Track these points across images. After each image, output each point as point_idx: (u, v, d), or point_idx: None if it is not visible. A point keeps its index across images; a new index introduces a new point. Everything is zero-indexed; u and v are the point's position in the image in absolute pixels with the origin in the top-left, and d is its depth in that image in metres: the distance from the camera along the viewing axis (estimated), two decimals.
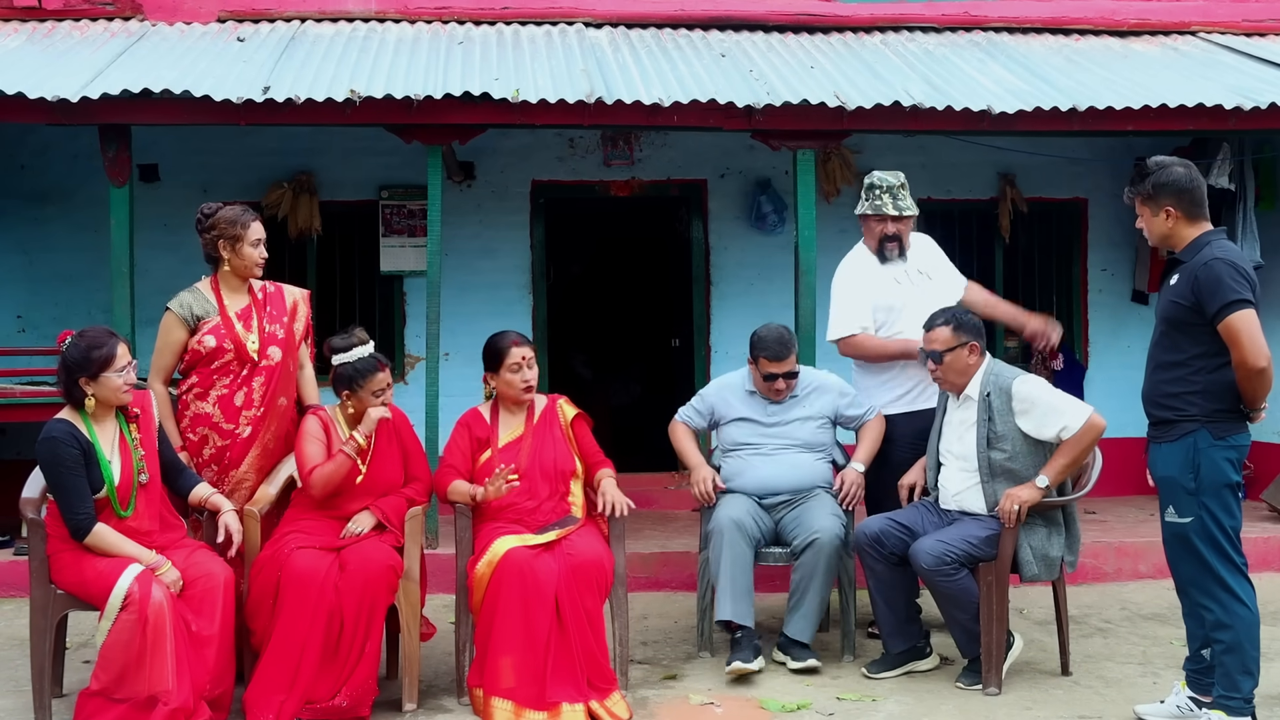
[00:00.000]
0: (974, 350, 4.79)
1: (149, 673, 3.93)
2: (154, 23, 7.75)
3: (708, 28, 8.12)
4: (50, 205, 8.04)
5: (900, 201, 5.39)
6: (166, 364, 4.70)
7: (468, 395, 5.32)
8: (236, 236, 4.69)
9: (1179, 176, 4.11)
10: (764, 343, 5.21)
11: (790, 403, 5.30)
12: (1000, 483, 4.70)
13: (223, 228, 4.70)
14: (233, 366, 4.67)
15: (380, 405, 4.56)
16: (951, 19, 8.32)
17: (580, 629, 4.32)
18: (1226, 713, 4.03)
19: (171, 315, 4.70)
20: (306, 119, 6.38)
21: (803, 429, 5.25)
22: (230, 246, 4.70)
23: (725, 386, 5.46)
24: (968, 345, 4.78)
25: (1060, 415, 4.64)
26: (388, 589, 4.36)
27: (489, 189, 8.36)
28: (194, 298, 4.74)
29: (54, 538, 4.18)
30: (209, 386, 4.67)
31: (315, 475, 4.44)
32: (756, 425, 5.27)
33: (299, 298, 4.95)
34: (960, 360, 4.80)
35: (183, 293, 4.78)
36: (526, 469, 4.67)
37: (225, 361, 4.66)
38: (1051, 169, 8.48)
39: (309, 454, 4.49)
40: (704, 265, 8.51)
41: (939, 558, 4.61)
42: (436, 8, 8.05)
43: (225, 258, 4.72)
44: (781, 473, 5.18)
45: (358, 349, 4.56)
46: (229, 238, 4.69)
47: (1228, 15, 8.46)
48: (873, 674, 4.85)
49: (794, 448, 5.22)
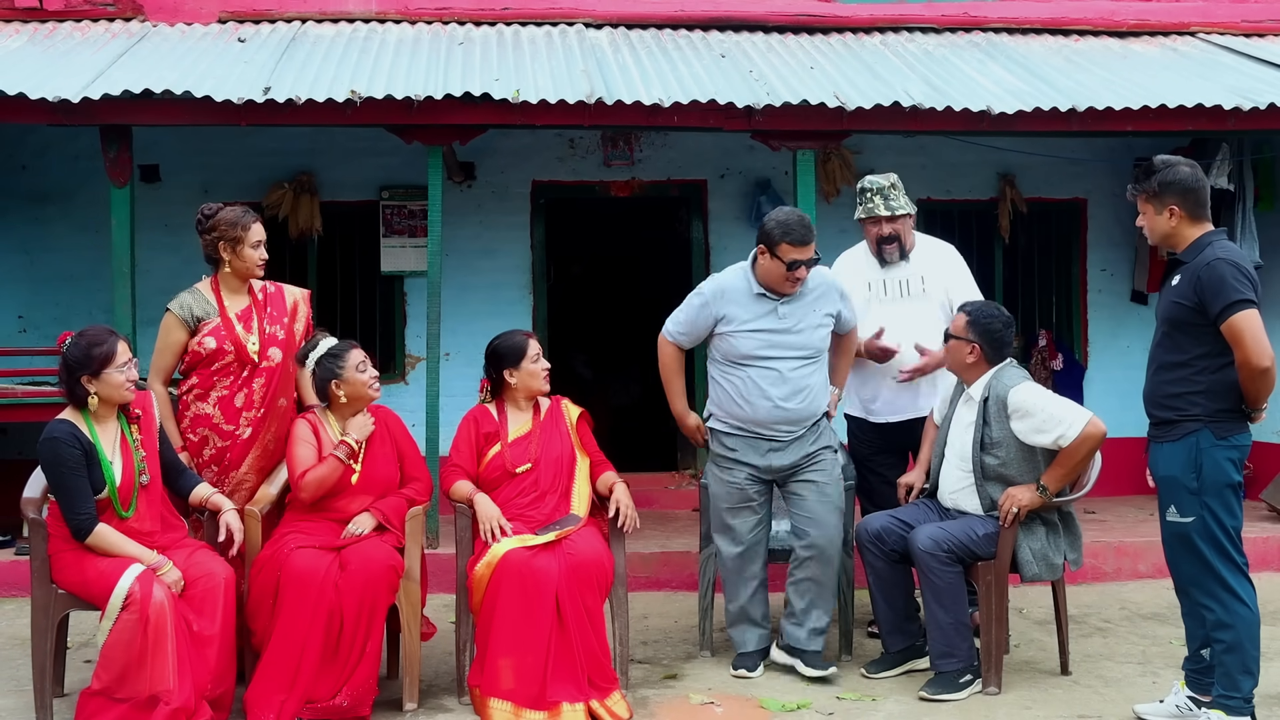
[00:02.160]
0: (974, 352, 4.79)
1: (150, 672, 3.93)
2: (155, 23, 7.76)
3: (708, 28, 8.13)
4: (51, 205, 8.05)
5: (892, 201, 5.29)
6: (166, 365, 4.70)
7: (468, 395, 5.33)
8: (237, 238, 4.68)
9: (1185, 176, 4.12)
10: (784, 226, 4.72)
11: (802, 303, 4.86)
12: (994, 486, 4.69)
13: (223, 229, 4.69)
14: (233, 368, 4.67)
15: (369, 385, 4.56)
16: (951, 20, 8.33)
17: (581, 628, 4.33)
18: (1226, 712, 4.03)
19: (171, 316, 4.70)
20: (307, 119, 6.38)
21: (815, 335, 4.88)
22: (231, 248, 4.69)
23: (726, 290, 4.91)
24: (971, 345, 4.79)
25: (1058, 423, 4.59)
26: (388, 589, 4.37)
27: (489, 189, 8.37)
28: (194, 299, 4.74)
29: (55, 537, 4.18)
30: (209, 388, 4.67)
31: (307, 479, 4.44)
32: (769, 335, 4.82)
33: (299, 298, 4.96)
34: (959, 353, 4.80)
35: (183, 294, 4.77)
36: (536, 461, 4.69)
37: (226, 363, 4.66)
38: (1051, 169, 8.48)
39: (300, 457, 4.50)
40: (704, 265, 8.51)
41: (936, 543, 4.61)
42: (437, 8, 8.06)
43: (226, 259, 4.72)
44: (792, 405, 4.81)
45: (320, 343, 4.61)
46: (229, 239, 4.68)
47: (1227, 16, 8.47)
48: (872, 674, 4.86)
49: (804, 361, 4.85)
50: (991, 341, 4.76)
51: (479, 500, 4.62)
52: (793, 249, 4.72)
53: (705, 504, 5.17)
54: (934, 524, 4.73)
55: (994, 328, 4.76)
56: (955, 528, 4.68)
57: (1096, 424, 4.60)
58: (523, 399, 4.83)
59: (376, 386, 4.62)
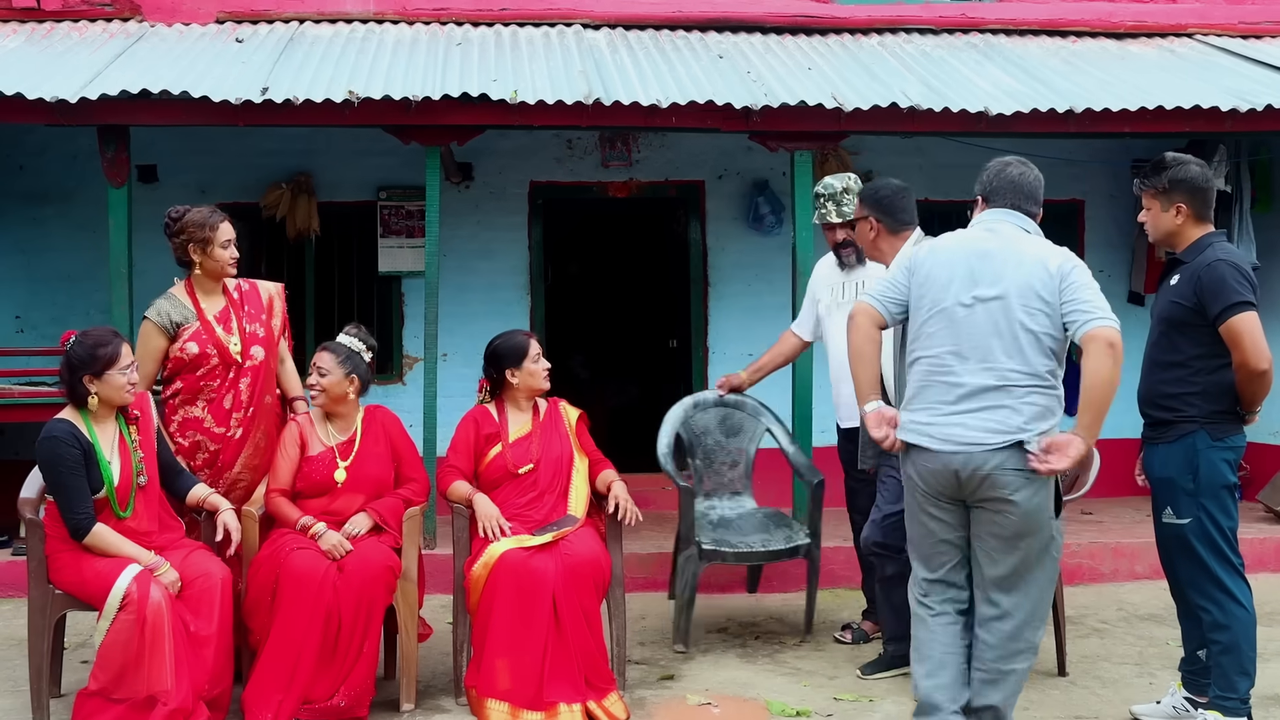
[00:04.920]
0: (874, 226, 4.83)
1: (147, 673, 3.93)
2: (152, 23, 7.76)
3: (705, 29, 8.14)
4: (49, 206, 8.05)
5: (844, 207, 5.20)
6: (149, 373, 4.65)
7: (466, 396, 5.33)
8: (206, 239, 4.65)
9: (1195, 175, 4.13)
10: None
11: None
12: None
13: (191, 231, 4.65)
14: (218, 370, 4.65)
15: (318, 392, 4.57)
16: (949, 21, 8.34)
17: (578, 629, 4.33)
18: (1222, 713, 4.04)
19: (150, 324, 4.66)
20: (305, 120, 6.38)
21: None
22: (201, 249, 4.66)
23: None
24: (869, 221, 4.83)
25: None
26: (386, 589, 4.37)
27: (487, 190, 8.37)
28: (170, 304, 4.70)
29: (52, 538, 4.18)
30: (196, 391, 4.65)
31: (274, 504, 4.48)
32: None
33: (274, 293, 4.95)
34: (864, 235, 4.88)
35: (159, 300, 4.73)
36: (536, 462, 4.69)
37: (211, 367, 4.65)
38: (1048, 170, 8.34)
39: (278, 470, 4.54)
40: (702, 266, 8.52)
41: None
42: (435, 9, 8.06)
43: (197, 260, 4.68)
44: None
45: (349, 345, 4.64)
46: (198, 240, 4.65)
47: (1224, 17, 8.48)
48: (867, 675, 4.85)
49: None
50: (885, 209, 4.83)
51: (478, 500, 4.62)
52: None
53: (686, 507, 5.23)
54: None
55: (882, 194, 4.87)
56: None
57: None
58: (523, 399, 4.83)
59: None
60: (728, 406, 5.76)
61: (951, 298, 3.81)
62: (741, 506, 5.69)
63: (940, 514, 3.83)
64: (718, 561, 5.29)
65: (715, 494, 5.71)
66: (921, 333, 3.87)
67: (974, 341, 3.75)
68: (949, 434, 3.73)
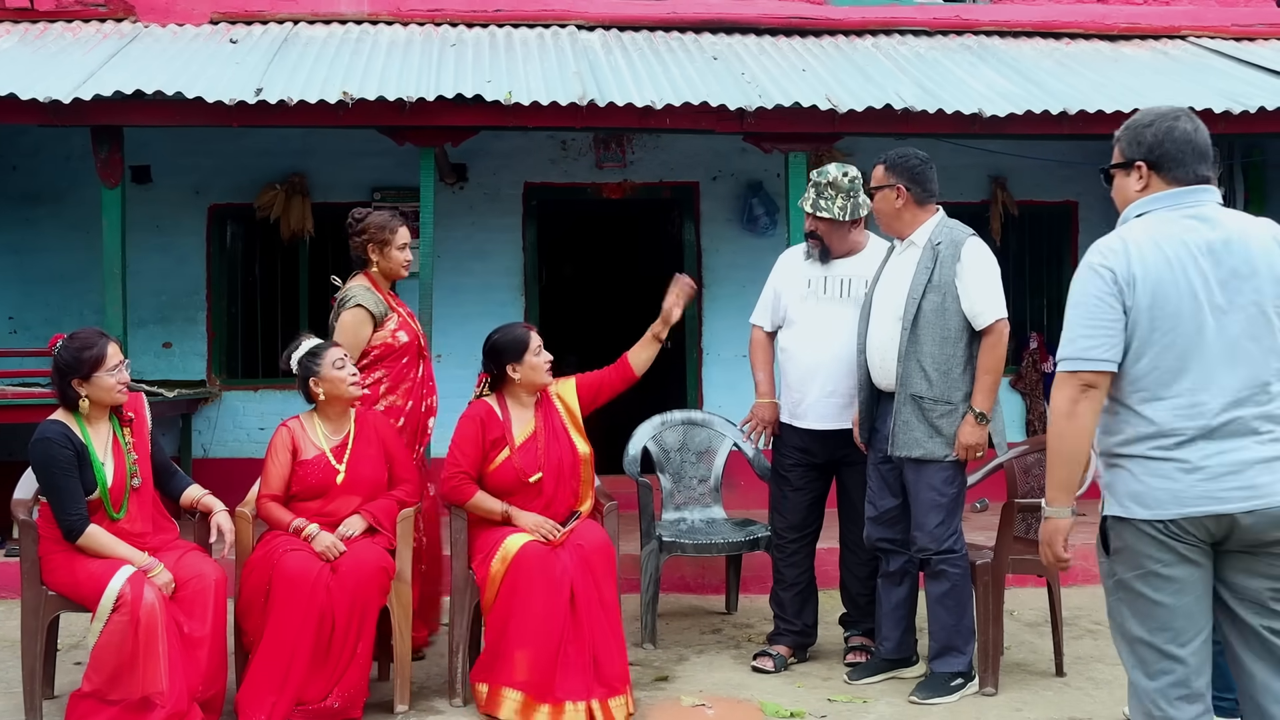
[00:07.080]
0: (901, 194, 4.65)
1: (141, 674, 3.93)
2: (146, 24, 7.76)
3: (700, 30, 8.15)
4: (42, 206, 8.03)
5: (822, 200, 4.94)
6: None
7: (461, 396, 5.32)
8: (385, 240, 4.92)
9: None
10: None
11: None
12: (925, 338, 4.48)
13: (372, 232, 4.92)
14: (415, 360, 4.97)
15: (346, 381, 4.52)
16: (942, 22, 8.36)
17: (594, 620, 4.30)
18: (1218, 713, 4.04)
19: (364, 312, 4.84)
20: (299, 120, 6.39)
21: None
22: (379, 250, 4.93)
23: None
24: (896, 188, 4.66)
25: (987, 297, 4.48)
26: (379, 590, 4.36)
27: (481, 191, 8.37)
28: (370, 295, 4.88)
29: (45, 539, 4.17)
30: (400, 380, 4.91)
31: (266, 509, 4.46)
32: None
33: None
34: (887, 202, 4.69)
35: (357, 288, 4.88)
36: (545, 466, 4.61)
37: (412, 356, 4.95)
38: (1042, 172, 8.51)
39: (269, 476, 4.51)
40: (696, 267, 8.52)
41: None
42: (429, 10, 8.06)
43: (374, 260, 4.95)
44: None
45: (303, 344, 4.61)
46: (378, 241, 4.92)
47: (1217, 20, 8.51)
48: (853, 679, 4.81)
49: None
50: (915, 179, 4.66)
51: (519, 515, 4.50)
52: None
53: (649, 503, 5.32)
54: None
55: (912, 163, 4.69)
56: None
57: (1006, 323, 4.51)
58: (525, 394, 4.70)
59: (355, 383, 4.56)
60: (695, 425, 5.96)
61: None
62: (712, 516, 5.84)
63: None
64: (678, 554, 5.47)
65: (686, 507, 5.85)
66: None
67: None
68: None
